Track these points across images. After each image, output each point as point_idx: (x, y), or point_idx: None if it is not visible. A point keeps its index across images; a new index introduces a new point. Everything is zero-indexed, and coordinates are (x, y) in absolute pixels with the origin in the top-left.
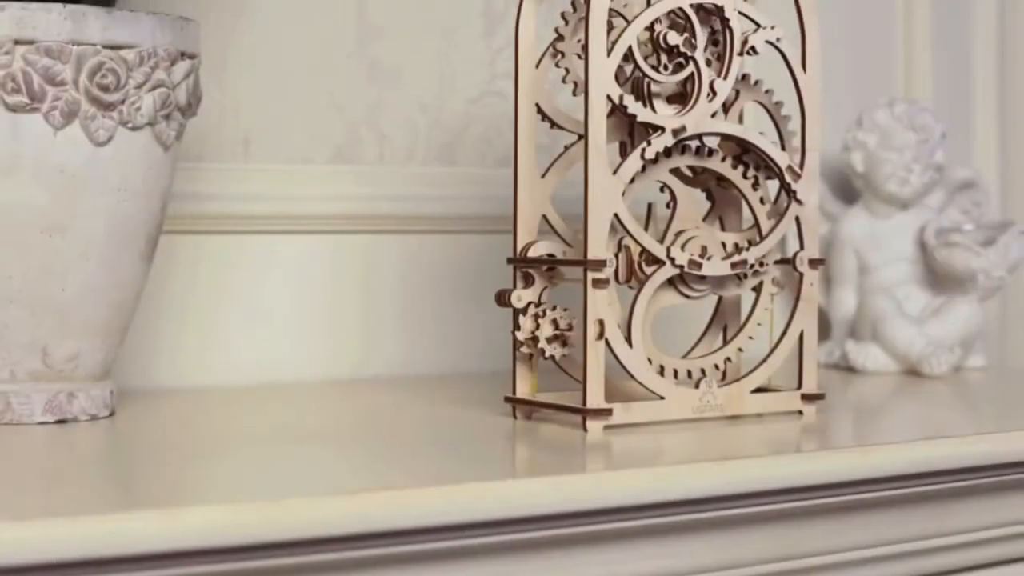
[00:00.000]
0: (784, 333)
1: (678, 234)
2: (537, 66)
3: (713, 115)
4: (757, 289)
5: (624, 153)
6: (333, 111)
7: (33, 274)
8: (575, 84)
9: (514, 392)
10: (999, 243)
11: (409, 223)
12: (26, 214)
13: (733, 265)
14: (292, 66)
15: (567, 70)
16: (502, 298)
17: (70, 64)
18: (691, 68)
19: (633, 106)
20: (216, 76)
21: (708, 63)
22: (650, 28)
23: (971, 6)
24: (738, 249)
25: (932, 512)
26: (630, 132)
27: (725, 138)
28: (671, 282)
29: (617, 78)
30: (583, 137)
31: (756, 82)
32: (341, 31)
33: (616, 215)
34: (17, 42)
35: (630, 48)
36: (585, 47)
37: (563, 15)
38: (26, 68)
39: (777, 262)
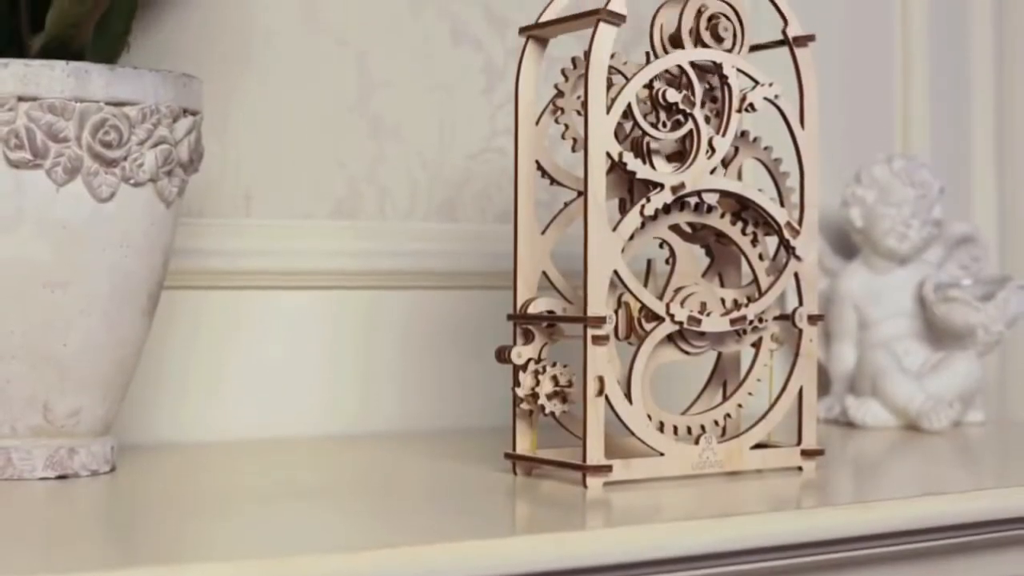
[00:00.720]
0: (784, 389)
1: (677, 290)
2: (537, 123)
3: (712, 172)
4: (756, 345)
5: (623, 210)
6: (334, 166)
7: (35, 329)
8: (574, 141)
9: (514, 448)
10: (998, 298)
11: (409, 278)
12: (28, 269)
13: (732, 321)
14: (293, 122)
15: (567, 127)
16: (502, 355)
17: (73, 121)
18: (690, 125)
19: (632, 163)
20: (218, 132)
21: (707, 120)
22: (649, 85)
23: (968, 61)
24: (737, 305)
25: (932, 568)
26: (629, 189)
27: (724, 194)
28: (671, 338)
29: (616, 135)
30: (583, 194)
31: (755, 139)
32: (342, 87)
33: (616, 271)
34: (21, 99)
35: (629, 105)
36: (585, 104)
37: (563, 72)
38: (29, 125)
39: (776, 318)
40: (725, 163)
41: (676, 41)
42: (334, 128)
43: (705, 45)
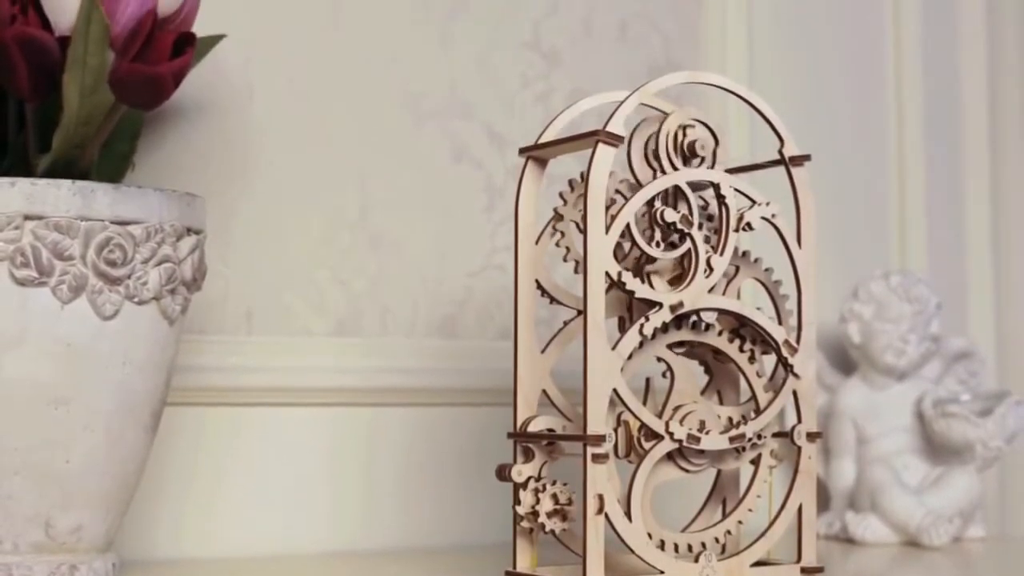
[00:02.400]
0: (783, 506)
1: (676, 408)
2: (537, 242)
3: (710, 290)
4: (756, 462)
5: (623, 328)
6: (335, 284)
7: (38, 446)
8: (576, 262)
9: (514, 566)
10: (996, 413)
11: (410, 396)
12: (32, 386)
13: (732, 439)
14: (295, 239)
15: (568, 248)
16: (502, 473)
17: (78, 239)
18: (688, 245)
19: (631, 283)
20: (220, 250)
21: (706, 239)
22: (648, 205)
23: (964, 177)
24: (736, 423)
25: None
26: (628, 307)
27: (722, 312)
28: (670, 456)
29: (615, 255)
30: (582, 313)
31: (756, 260)
32: (343, 204)
33: (615, 390)
34: (27, 217)
35: (628, 225)
36: (584, 224)
37: (561, 195)
38: (35, 243)
39: (775, 435)
40: (724, 282)
41: (657, 157)
42: (335, 245)
43: (686, 162)
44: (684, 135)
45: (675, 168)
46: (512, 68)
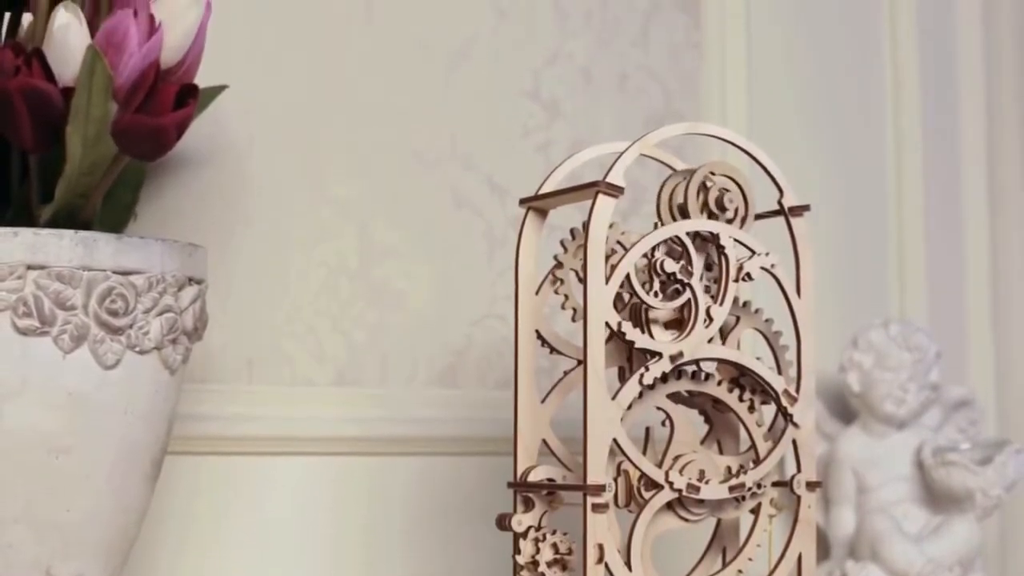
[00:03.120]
0: (783, 555)
1: (676, 458)
2: (537, 292)
3: (710, 340)
4: (755, 511)
5: (623, 378)
6: (335, 333)
7: (39, 495)
8: (574, 310)
9: None
10: (996, 462)
11: (410, 445)
12: (34, 436)
13: (731, 488)
14: (295, 289)
15: (566, 297)
16: (503, 522)
17: (80, 289)
18: (688, 295)
19: (631, 333)
20: (221, 300)
21: (706, 289)
22: (647, 255)
23: (963, 226)
24: (736, 472)
25: None
26: (628, 357)
27: (722, 362)
28: (670, 506)
29: (615, 305)
30: (582, 363)
31: (756, 311)
32: (344, 254)
33: (615, 440)
34: (30, 267)
35: (628, 276)
36: (584, 275)
37: (562, 243)
38: (37, 293)
39: (775, 484)
40: (723, 332)
41: (684, 211)
42: (335, 295)
43: (712, 216)
44: (713, 191)
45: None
46: (512, 118)
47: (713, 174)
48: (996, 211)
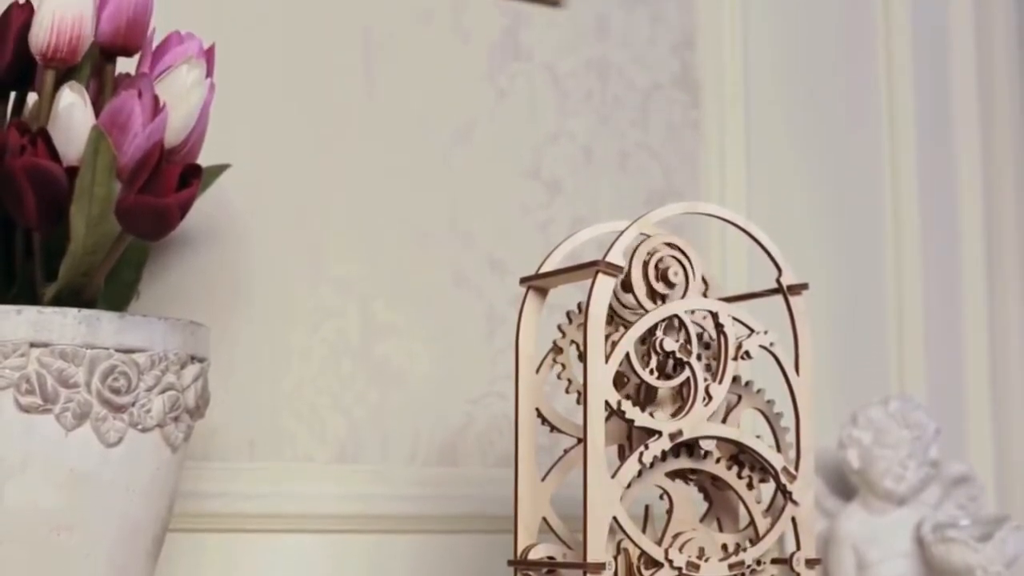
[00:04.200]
0: None
1: (676, 536)
2: (537, 371)
3: (709, 418)
4: None
5: (623, 456)
6: (337, 411)
7: (41, 572)
8: (578, 393)
9: None
10: (996, 538)
11: (411, 523)
12: (36, 513)
13: (731, 566)
14: (297, 367)
15: (567, 378)
16: None
17: (83, 367)
18: (687, 373)
19: (631, 411)
20: (223, 377)
21: (706, 367)
22: (647, 334)
23: (961, 304)
24: (735, 550)
25: None
26: (628, 435)
27: (721, 440)
28: None
29: (615, 383)
30: (582, 441)
31: (758, 391)
32: (345, 332)
33: (615, 518)
34: (33, 345)
35: (627, 354)
36: (584, 354)
37: (560, 328)
38: (40, 370)
39: (774, 561)
40: (723, 410)
41: (627, 286)
42: (336, 373)
43: (653, 292)
44: (655, 265)
45: (655, 299)
46: (513, 196)
47: (655, 251)
48: (994, 288)
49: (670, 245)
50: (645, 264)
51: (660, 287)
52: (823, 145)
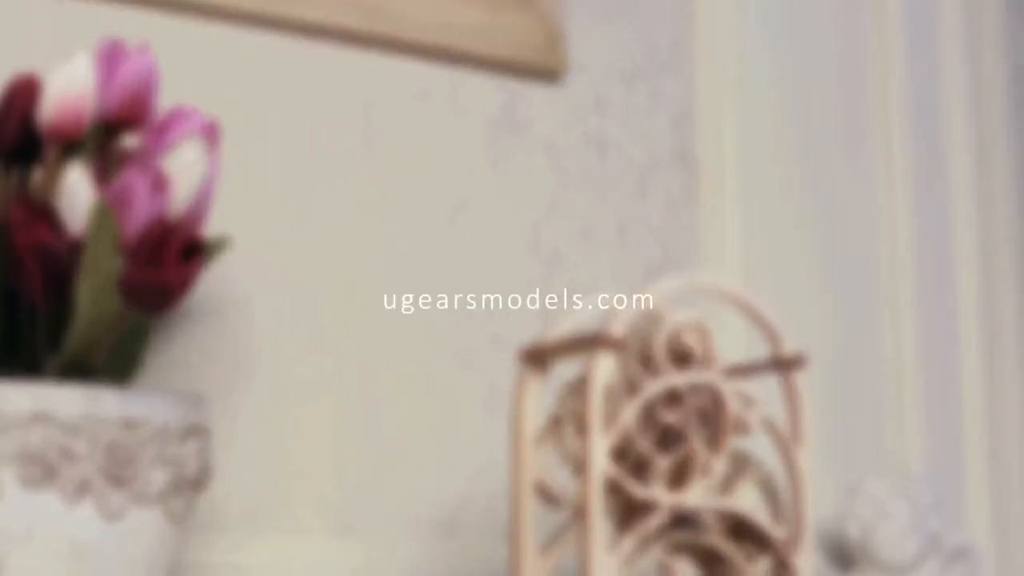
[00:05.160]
0: None
1: None
2: (536, 444)
3: (709, 491)
4: None
5: (622, 530)
6: (338, 484)
7: None
8: (574, 463)
9: None
10: None
11: None
12: None
13: None
14: (299, 440)
15: (565, 449)
16: None
17: (86, 440)
18: (686, 446)
19: (630, 485)
20: (225, 450)
21: (706, 439)
22: (647, 406)
23: (962, 376)
24: None
25: None
26: (627, 508)
27: (720, 512)
28: None
29: (614, 456)
30: (581, 515)
31: (753, 461)
32: (346, 405)
33: None
34: (35, 418)
35: (627, 427)
36: (583, 427)
37: (560, 397)
38: (43, 444)
39: None
40: (722, 482)
41: (626, 358)
42: (339, 447)
43: (657, 362)
44: (657, 335)
45: (655, 371)
46: (512, 270)
47: (654, 324)
48: (993, 358)
49: (670, 318)
50: (644, 338)
51: (660, 359)
52: (820, 217)
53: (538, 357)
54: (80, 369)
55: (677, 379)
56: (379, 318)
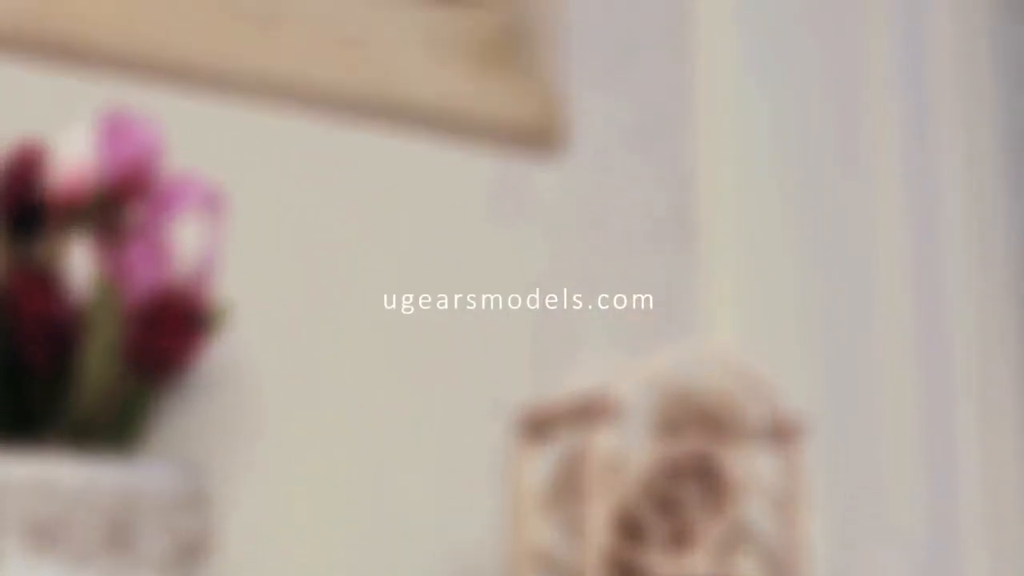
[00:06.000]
0: None
1: None
2: (534, 513)
3: (709, 559)
4: None
5: None
6: (340, 548)
7: None
8: (573, 532)
9: None
10: None
11: None
12: None
13: None
14: (302, 509)
15: (564, 519)
16: None
17: (86, 510)
18: (685, 515)
19: (629, 553)
20: (228, 518)
21: (704, 507)
22: (646, 475)
23: (957, 436)
24: None
25: None
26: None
27: None
28: None
29: (614, 524)
30: None
31: (754, 530)
32: (348, 470)
33: None
34: (36, 488)
35: (626, 497)
36: (582, 497)
37: (559, 466)
38: (44, 513)
39: None
40: (722, 549)
41: (625, 426)
42: (341, 511)
43: (658, 430)
44: (658, 403)
45: (655, 440)
46: (510, 333)
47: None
48: (990, 422)
49: (670, 384)
50: (644, 406)
51: (660, 427)
52: (819, 282)
53: (535, 426)
54: (83, 437)
55: (676, 447)
56: (380, 382)
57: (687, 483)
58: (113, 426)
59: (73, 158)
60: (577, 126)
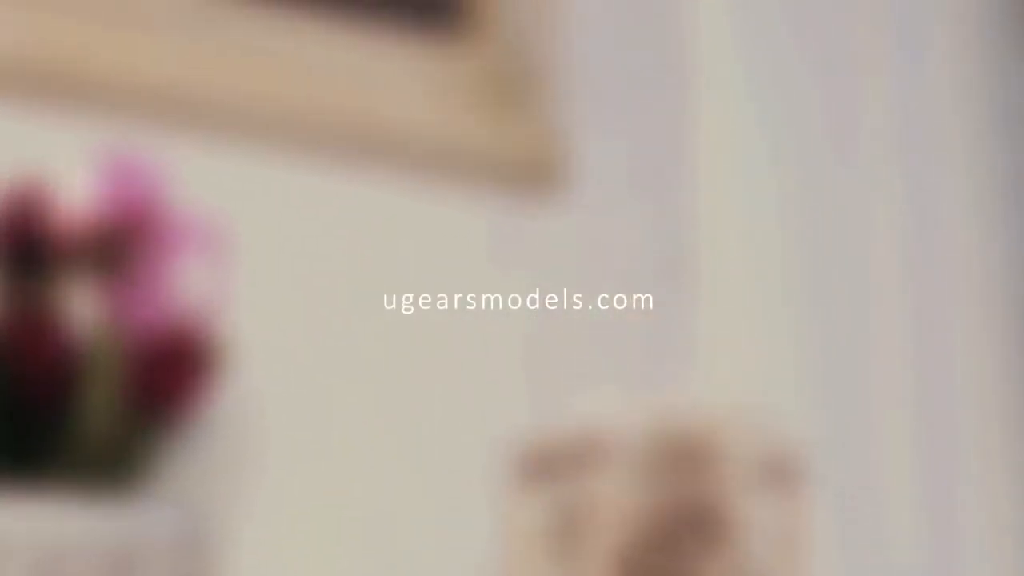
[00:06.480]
0: None
1: None
2: (531, 557)
3: None
4: None
5: None
6: None
7: None
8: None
9: None
10: None
11: None
12: None
13: None
14: (307, 549)
15: (562, 562)
16: None
17: (89, 553)
18: (684, 557)
19: None
20: (233, 559)
21: (703, 550)
22: (645, 518)
23: (958, 482)
24: None
25: None
26: None
27: None
28: None
29: (612, 569)
30: None
31: (749, 570)
32: (356, 517)
33: None
34: (37, 533)
35: (625, 539)
36: (582, 541)
37: (557, 506)
38: (48, 559)
39: None
40: None
41: (645, 468)
42: (344, 552)
43: (653, 471)
44: (656, 444)
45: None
46: (507, 373)
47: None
48: (989, 466)
49: (669, 424)
50: (643, 447)
51: (658, 467)
52: (821, 326)
53: (533, 468)
54: (85, 478)
55: (674, 487)
56: (380, 423)
57: (685, 524)
58: (115, 467)
59: (75, 198)
60: (578, 166)
